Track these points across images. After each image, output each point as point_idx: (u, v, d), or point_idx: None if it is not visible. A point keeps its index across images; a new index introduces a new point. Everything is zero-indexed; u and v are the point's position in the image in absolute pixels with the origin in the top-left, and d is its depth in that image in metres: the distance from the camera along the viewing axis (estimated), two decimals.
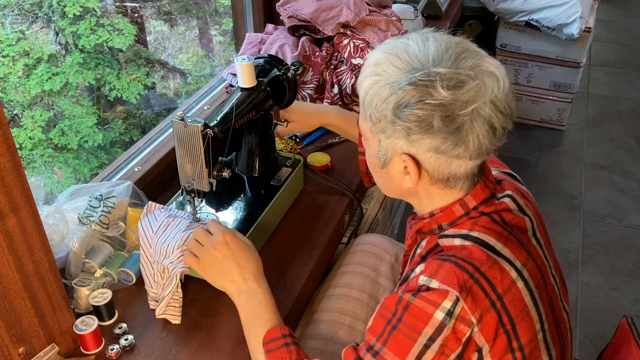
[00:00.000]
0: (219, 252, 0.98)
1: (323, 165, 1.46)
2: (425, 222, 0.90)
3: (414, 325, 0.78)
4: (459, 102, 0.77)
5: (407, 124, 0.78)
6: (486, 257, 0.81)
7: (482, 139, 0.79)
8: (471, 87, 0.77)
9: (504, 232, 0.85)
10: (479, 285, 0.79)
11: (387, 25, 1.67)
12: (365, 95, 0.83)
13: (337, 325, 1.15)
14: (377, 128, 0.83)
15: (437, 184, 0.85)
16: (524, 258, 0.85)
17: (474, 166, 0.84)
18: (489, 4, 2.79)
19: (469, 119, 0.77)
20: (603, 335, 2.02)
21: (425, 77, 0.77)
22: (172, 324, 1.07)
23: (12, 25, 3.32)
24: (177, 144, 1.08)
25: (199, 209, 1.18)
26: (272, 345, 0.92)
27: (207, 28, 4.38)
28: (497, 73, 0.79)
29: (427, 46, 0.81)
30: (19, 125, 3.32)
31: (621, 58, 3.90)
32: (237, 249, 0.99)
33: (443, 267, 0.80)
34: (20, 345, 0.92)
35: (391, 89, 0.79)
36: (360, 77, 0.86)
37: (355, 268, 1.25)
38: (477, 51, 0.81)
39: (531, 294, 0.84)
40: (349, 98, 1.58)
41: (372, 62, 0.83)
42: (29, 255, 0.90)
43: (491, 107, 0.78)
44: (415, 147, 0.81)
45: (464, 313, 0.77)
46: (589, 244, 2.45)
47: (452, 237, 0.86)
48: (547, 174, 2.86)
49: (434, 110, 0.77)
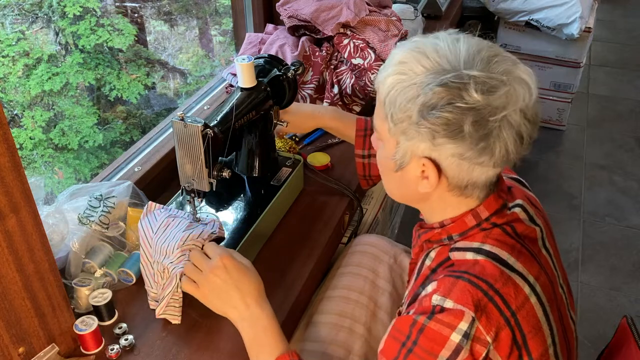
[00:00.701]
0: (218, 277, 0.95)
1: (323, 165, 1.46)
2: (435, 232, 0.88)
3: (430, 348, 0.76)
4: (490, 107, 0.74)
5: (434, 126, 0.75)
6: (500, 273, 0.79)
7: (509, 148, 0.77)
8: (503, 93, 0.75)
9: (516, 244, 0.83)
10: (493, 303, 0.77)
11: (387, 25, 1.67)
12: (387, 94, 0.79)
13: (336, 327, 1.15)
14: (398, 129, 0.79)
15: (454, 190, 0.83)
16: (537, 271, 0.83)
17: (494, 175, 0.82)
18: (489, 4, 2.79)
19: (497, 126, 0.75)
20: (603, 335, 2.02)
21: (457, 79, 0.74)
22: (172, 324, 1.07)
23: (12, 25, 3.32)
24: (177, 144, 1.08)
25: (199, 209, 1.18)
26: None
27: (207, 28, 4.38)
28: (529, 81, 0.77)
29: (458, 47, 0.78)
30: (19, 126, 3.32)
31: (621, 58, 3.90)
32: (236, 273, 0.95)
33: (457, 286, 0.77)
34: (20, 345, 0.92)
35: (418, 89, 0.76)
36: (382, 75, 0.82)
37: (354, 269, 1.24)
38: (509, 56, 0.79)
39: (543, 309, 0.82)
40: (349, 98, 1.58)
41: (397, 60, 0.80)
42: (29, 255, 0.90)
43: (520, 115, 0.76)
44: (438, 152, 0.78)
45: (479, 333, 0.75)
46: (589, 244, 2.45)
47: (464, 250, 0.83)
48: (547, 174, 2.86)
49: (464, 114, 0.74)
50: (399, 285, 1.26)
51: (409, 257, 1.29)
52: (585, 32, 2.75)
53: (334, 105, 1.57)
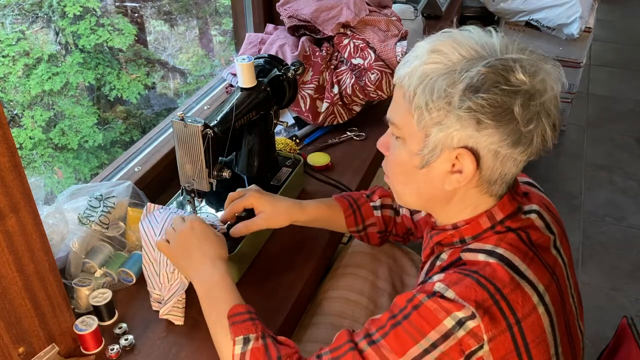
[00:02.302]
0: (185, 236, 1.01)
1: (323, 165, 1.46)
2: (447, 234, 0.87)
3: (419, 326, 0.75)
4: (534, 90, 0.75)
5: (480, 109, 0.73)
6: (509, 279, 0.77)
7: (547, 135, 0.77)
8: (541, 78, 0.76)
9: (529, 252, 0.82)
10: (497, 307, 0.75)
11: (387, 25, 1.67)
12: (420, 83, 0.76)
13: (336, 328, 1.14)
14: (432, 119, 0.76)
15: (482, 186, 0.81)
16: (547, 281, 0.81)
17: (520, 169, 0.82)
18: (489, 4, 2.79)
19: (537, 112, 0.75)
20: (603, 335, 2.02)
21: (503, 62, 0.74)
22: (172, 324, 1.07)
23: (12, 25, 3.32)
24: (177, 144, 1.08)
25: (199, 209, 1.18)
26: (238, 318, 0.90)
27: (207, 28, 4.38)
28: (558, 70, 0.79)
29: (491, 37, 0.78)
30: (19, 125, 3.32)
31: (621, 58, 3.90)
32: (201, 234, 1.01)
33: (463, 282, 0.76)
34: (20, 345, 0.92)
35: (459, 74, 0.74)
36: (408, 67, 0.79)
37: (353, 270, 1.24)
38: (535, 50, 0.80)
39: (550, 319, 0.80)
40: (349, 98, 1.58)
41: (428, 49, 0.77)
42: (29, 255, 0.90)
43: (555, 104, 0.77)
44: (477, 140, 0.76)
45: (478, 330, 0.74)
46: (589, 244, 2.45)
47: (476, 252, 0.82)
48: (547, 174, 2.86)
49: (512, 96, 0.73)
50: (399, 286, 1.26)
51: (409, 258, 1.29)
52: (585, 32, 2.75)
53: (334, 106, 1.57)
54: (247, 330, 0.88)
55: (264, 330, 0.89)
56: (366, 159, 1.52)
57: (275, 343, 0.89)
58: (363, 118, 1.63)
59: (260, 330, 0.89)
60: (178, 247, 1.02)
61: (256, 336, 0.88)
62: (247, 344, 0.87)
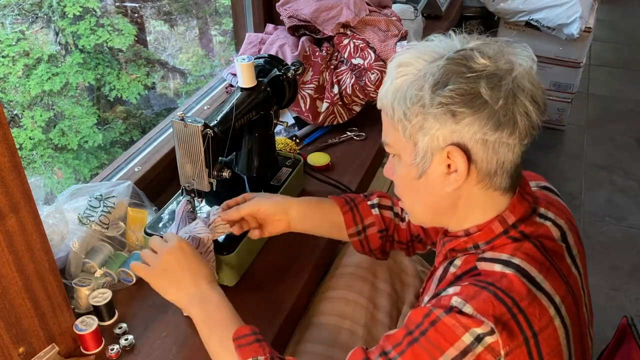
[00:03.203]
0: (174, 257, 0.95)
1: (323, 165, 1.46)
2: (460, 240, 0.86)
3: (437, 342, 0.74)
4: (499, 70, 0.76)
5: (451, 101, 0.75)
6: (527, 292, 0.76)
7: (530, 112, 0.77)
8: (506, 59, 0.77)
9: (545, 262, 0.81)
10: (515, 321, 0.74)
11: (387, 25, 1.67)
12: (394, 98, 0.79)
13: (336, 329, 1.15)
14: (414, 127, 0.78)
15: (483, 181, 0.80)
16: (564, 292, 0.81)
17: (518, 156, 0.80)
18: (489, 4, 2.79)
19: (511, 89, 0.76)
20: (603, 335, 2.02)
21: (461, 53, 0.77)
22: (171, 324, 1.07)
23: (12, 25, 3.32)
24: (177, 144, 1.08)
25: (199, 209, 1.18)
26: (243, 340, 0.88)
27: (207, 28, 4.38)
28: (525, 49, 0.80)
29: (452, 38, 0.81)
30: (19, 126, 3.32)
31: (621, 58, 3.90)
32: (192, 256, 0.96)
33: (480, 295, 0.75)
34: (20, 345, 0.92)
35: (425, 77, 0.77)
36: (383, 89, 0.82)
37: (353, 270, 1.24)
38: (499, 38, 0.82)
39: (566, 331, 0.79)
40: (349, 98, 1.58)
41: (395, 66, 0.81)
42: (29, 255, 0.90)
43: (529, 79, 0.77)
44: (461, 133, 0.77)
45: (496, 345, 0.73)
46: (589, 244, 2.45)
47: (492, 261, 0.80)
48: (547, 174, 2.84)
49: (477, 81, 0.75)
50: (398, 287, 1.26)
51: (408, 258, 1.28)
52: (585, 32, 2.75)
53: (334, 106, 1.57)
54: (255, 352, 0.87)
55: (271, 352, 0.87)
56: (366, 159, 1.52)
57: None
58: (363, 118, 1.63)
59: (269, 352, 0.87)
60: (164, 269, 0.95)
61: (264, 358, 0.86)
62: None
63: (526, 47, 0.80)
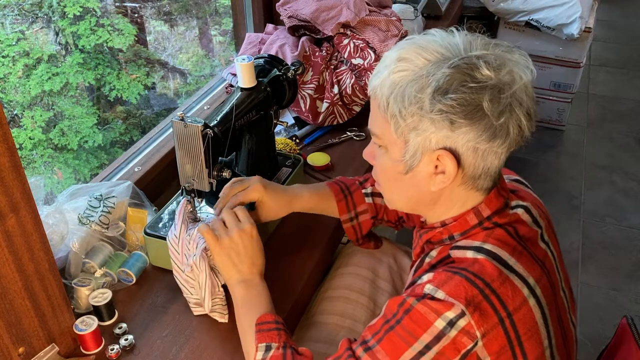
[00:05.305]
0: (242, 240, 1.01)
1: (323, 165, 1.46)
2: (436, 231, 0.88)
3: (412, 330, 0.77)
4: (501, 83, 0.76)
5: (451, 110, 0.75)
6: (498, 274, 0.78)
7: (523, 124, 0.78)
8: (507, 70, 0.77)
9: (517, 246, 0.82)
10: (488, 302, 0.76)
11: (387, 25, 1.67)
12: (391, 93, 0.79)
13: (337, 328, 1.15)
14: (407, 126, 0.78)
15: (467, 183, 0.82)
16: (538, 274, 0.82)
17: (503, 161, 0.82)
18: (489, 4, 2.79)
19: (509, 103, 0.76)
20: (603, 335, 2.02)
21: (467, 60, 0.76)
22: (171, 324, 1.07)
23: (12, 25, 3.32)
24: (177, 144, 1.08)
25: (199, 209, 1.18)
26: (264, 326, 0.93)
27: (207, 28, 4.38)
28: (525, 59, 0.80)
29: (454, 37, 0.80)
30: (19, 126, 3.32)
31: (621, 58, 3.90)
32: (257, 246, 1.03)
33: (452, 280, 0.77)
34: (20, 345, 0.92)
35: (426, 79, 0.76)
36: (378, 78, 0.81)
37: (354, 269, 1.24)
38: (502, 42, 0.82)
39: (542, 312, 0.81)
40: (349, 98, 1.58)
41: (395, 58, 0.79)
42: (29, 255, 0.90)
43: (525, 91, 0.78)
44: (455, 139, 0.77)
45: (470, 327, 0.75)
46: (589, 244, 2.45)
47: (465, 249, 0.83)
48: (547, 174, 2.86)
49: (480, 93, 0.75)
50: (399, 286, 1.26)
51: (409, 257, 1.29)
52: (585, 32, 2.75)
53: (334, 106, 1.57)
54: (270, 338, 0.92)
55: (286, 341, 0.92)
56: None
57: (295, 354, 0.91)
58: (363, 118, 1.62)
59: (283, 341, 0.92)
60: (231, 247, 1.01)
61: (278, 345, 0.91)
62: (269, 351, 0.91)
63: (525, 56, 0.81)
